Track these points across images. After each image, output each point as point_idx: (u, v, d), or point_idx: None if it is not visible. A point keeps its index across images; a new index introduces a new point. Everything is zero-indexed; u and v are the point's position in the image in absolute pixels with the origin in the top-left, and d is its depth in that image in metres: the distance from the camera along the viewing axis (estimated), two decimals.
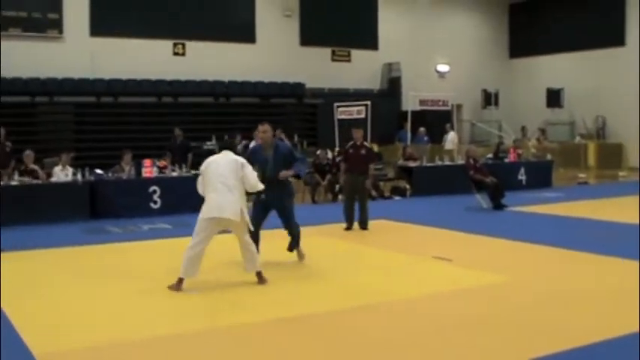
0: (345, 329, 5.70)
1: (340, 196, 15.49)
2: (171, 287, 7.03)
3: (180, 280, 7.06)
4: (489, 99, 27.89)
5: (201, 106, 22.13)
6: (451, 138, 20.53)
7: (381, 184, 16.38)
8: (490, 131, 27.33)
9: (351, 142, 11.28)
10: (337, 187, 15.46)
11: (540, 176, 17.70)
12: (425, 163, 16.86)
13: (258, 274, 7.33)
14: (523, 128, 23.13)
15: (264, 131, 8.18)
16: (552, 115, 26.21)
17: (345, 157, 11.30)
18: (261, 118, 22.61)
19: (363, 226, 11.05)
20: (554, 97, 26.16)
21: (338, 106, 20.09)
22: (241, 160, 7.31)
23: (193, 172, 14.31)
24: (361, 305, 6.45)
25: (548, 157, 18.94)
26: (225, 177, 7.10)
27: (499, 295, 6.78)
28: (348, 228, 10.97)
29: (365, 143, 11.18)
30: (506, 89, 28.08)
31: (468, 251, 9.17)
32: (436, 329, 5.64)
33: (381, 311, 6.27)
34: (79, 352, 5.15)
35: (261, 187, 7.45)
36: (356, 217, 11.05)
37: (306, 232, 9.87)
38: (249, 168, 7.28)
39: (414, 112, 19.76)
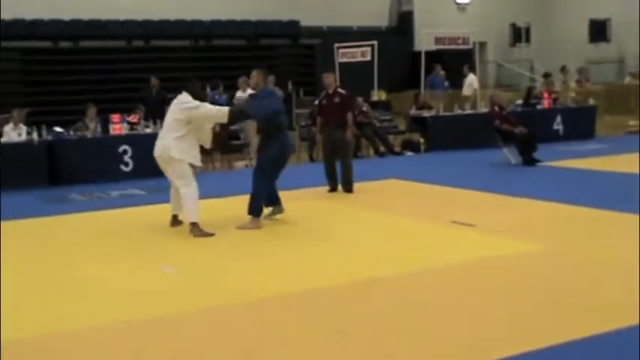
0: (350, 306, 5.69)
1: None
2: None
3: (173, 216, 8.85)
4: (519, 35, 27.67)
5: (177, 50, 22.04)
6: (470, 82, 20.33)
7: (391, 137, 16.34)
8: (520, 73, 27.18)
9: (323, 92, 11.25)
10: None
11: (580, 125, 17.58)
12: (442, 113, 16.78)
13: (192, 224, 8.39)
14: (563, 68, 22.58)
15: (251, 77, 8.92)
16: (596, 51, 25.95)
17: (318, 110, 11.29)
18: (249, 62, 22.64)
19: (347, 187, 11.01)
20: (598, 30, 25.90)
21: (339, 47, 19.99)
22: (184, 100, 8.41)
23: None
24: (368, 278, 6.45)
25: (591, 101, 18.79)
26: (166, 118, 8.59)
27: (530, 266, 6.76)
28: (332, 189, 11.06)
29: (339, 89, 11.09)
30: (539, 22, 27.84)
31: (494, 215, 9.13)
32: (457, 305, 5.63)
33: (391, 285, 6.26)
34: (40, 340, 5.16)
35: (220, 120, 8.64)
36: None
37: (302, 194, 9.97)
38: (198, 109, 8.36)
39: (428, 53, 19.59)
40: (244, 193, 10.47)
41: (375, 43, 19.47)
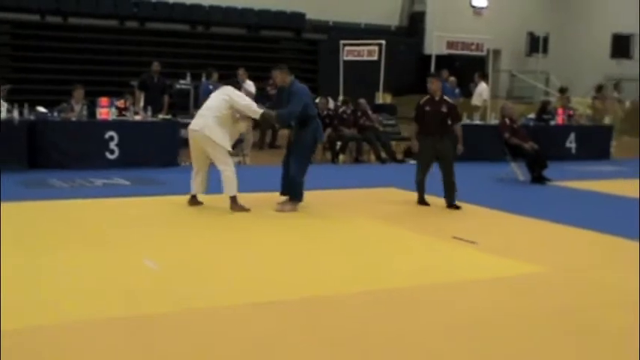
0: (339, 318, 5.75)
1: (341, 156, 15.59)
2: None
3: (192, 196, 10.04)
4: (536, 44, 27.75)
5: (173, 34, 22.06)
6: (480, 91, 20.29)
7: (393, 143, 16.41)
8: (534, 85, 27.24)
9: (427, 97, 10.96)
10: (338, 145, 15.49)
11: (595, 145, 17.68)
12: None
13: (231, 199, 9.75)
14: (600, 88, 21.96)
15: (274, 77, 10.20)
16: (618, 68, 25.94)
17: (417, 116, 10.93)
18: (248, 53, 22.64)
19: (452, 202, 10.73)
20: (621, 45, 25.87)
21: (345, 45, 20.04)
22: (236, 92, 9.93)
23: (161, 116, 14.33)
24: (359, 292, 6.50)
25: (607, 120, 18.81)
26: (209, 100, 9.98)
27: (532, 289, 6.81)
28: (422, 202, 10.89)
29: (446, 97, 10.93)
30: (558, 33, 27.92)
31: (497, 233, 9.21)
32: (450, 326, 5.67)
33: (383, 299, 6.31)
34: (10, 334, 5.20)
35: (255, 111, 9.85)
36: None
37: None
38: (236, 96, 9.81)
39: (439, 57, 19.68)
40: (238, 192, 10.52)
41: (383, 42, 19.54)
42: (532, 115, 18.22)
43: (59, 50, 20.12)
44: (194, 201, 10.04)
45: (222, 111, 9.74)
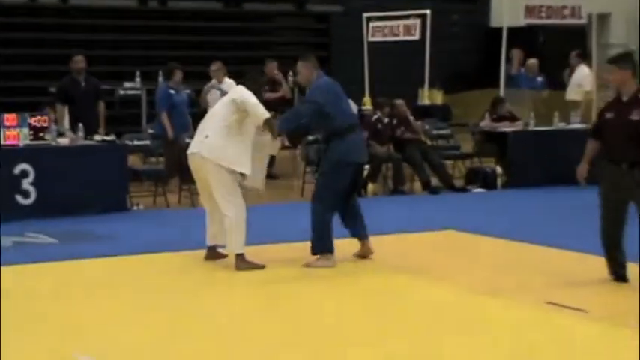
0: None
1: (371, 186, 15.52)
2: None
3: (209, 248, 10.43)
4: None
5: (113, 14, 22.13)
6: (579, 78, 20.13)
7: (449, 164, 16.37)
8: None
9: (613, 98, 10.22)
10: (366, 169, 15.43)
11: None
12: (533, 127, 16.78)
13: (237, 256, 10.01)
14: None
15: (297, 71, 10.83)
16: None
17: (596, 129, 10.26)
18: (227, 39, 22.69)
19: (623, 272, 9.78)
20: None
21: (370, 19, 20.05)
22: (239, 89, 10.31)
23: (99, 138, 14.26)
24: None
25: None
26: (214, 108, 10.67)
27: None
28: (613, 269, 9.82)
29: None
30: None
31: (616, 294, 9.20)
32: None
33: None
34: None
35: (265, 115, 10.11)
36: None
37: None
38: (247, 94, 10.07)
39: (513, 31, 19.62)
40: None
41: (428, 13, 19.53)
42: None
43: None
44: (213, 254, 10.43)
45: (227, 118, 10.03)
